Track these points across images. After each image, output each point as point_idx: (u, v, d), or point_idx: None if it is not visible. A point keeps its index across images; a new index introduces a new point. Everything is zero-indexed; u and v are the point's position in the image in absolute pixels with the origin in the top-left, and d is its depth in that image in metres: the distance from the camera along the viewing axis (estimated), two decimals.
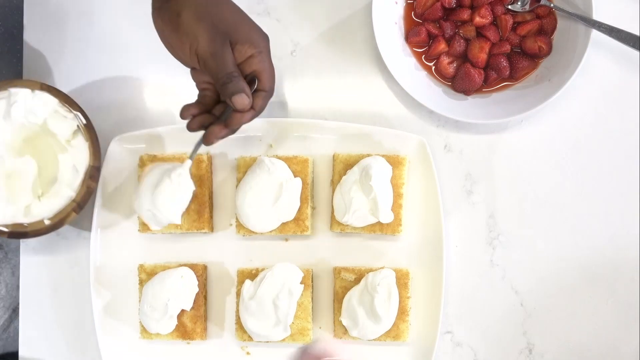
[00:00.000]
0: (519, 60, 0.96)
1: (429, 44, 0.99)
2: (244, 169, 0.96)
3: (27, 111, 0.92)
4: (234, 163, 0.98)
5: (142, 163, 0.97)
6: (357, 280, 0.95)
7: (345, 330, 0.94)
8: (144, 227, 0.96)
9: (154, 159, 0.97)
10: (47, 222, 0.92)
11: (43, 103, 0.92)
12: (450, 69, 0.97)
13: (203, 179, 0.96)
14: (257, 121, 0.98)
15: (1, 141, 0.92)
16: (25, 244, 1.01)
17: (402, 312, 0.94)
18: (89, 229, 0.99)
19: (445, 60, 0.97)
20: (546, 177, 0.99)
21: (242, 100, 0.77)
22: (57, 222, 0.92)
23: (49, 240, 1.01)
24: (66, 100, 0.93)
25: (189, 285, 0.95)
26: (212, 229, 0.99)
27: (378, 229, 0.95)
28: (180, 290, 0.93)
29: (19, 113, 0.91)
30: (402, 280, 0.94)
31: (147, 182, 0.94)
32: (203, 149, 0.98)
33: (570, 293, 0.98)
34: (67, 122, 0.93)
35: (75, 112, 0.93)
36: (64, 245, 1.01)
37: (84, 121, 0.93)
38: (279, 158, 0.96)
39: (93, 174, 0.93)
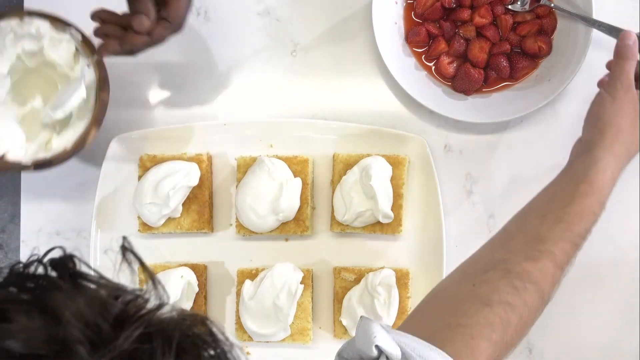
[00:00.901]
0: (519, 60, 0.96)
1: (429, 44, 0.99)
2: (244, 169, 0.96)
3: (21, 39, 0.90)
4: (234, 163, 0.98)
5: (142, 163, 0.97)
6: (357, 280, 0.95)
7: (345, 330, 0.94)
8: (144, 227, 0.97)
9: (154, 159, 0.97)
10: (69, 147, 0.91)
11: (35, 28, 0.90)
12: (450, 69, 0.97)
13: (203, 179, 0.96)
14: (257, 121, 0.99)
15: (7, 83, 0.91)
16: (25, 244, 1.01)
17: (402, 312, 0.94)
18: (89, 229, 0.99)
19: (445, 60, 0.97)
20: (546, 177, 0.98)
21: (139, 20, 0.76)
22: (79, 144, 0.90)
23: (49, 240, 1.01)
24: (55, 20, 0.90)
25: (189, 285, 0.95)
26: (212, 229, 0.99)
27: (378, 229, 0.95)
28: (180, 290, 0.93)
29: (13, 46, 0.90)
30: (402, 280, 0.94)
31: (148, 179, 0.94)
32: (203, 148, 0.98)
33: (570, 293, 0.98)
34: (64, 45, 0.91)
35: (68, 31, 0.90)
36: (63, 245, 1.01)
37: (80, 37, 0.90)
38: (279, 158, 0.96)
39: (102, 86, 0.91)
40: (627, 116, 0.78)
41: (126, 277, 0.48)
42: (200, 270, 0.97)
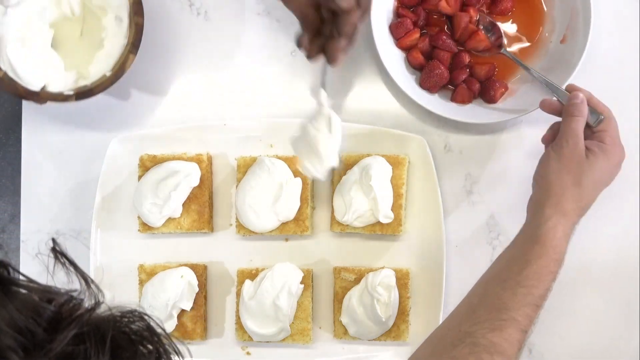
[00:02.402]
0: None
1: (405, 34, 0.98)
2: (244, 169, 0.96)
3: None
4: (234, 163, 0.98)
5: (142, 163, 0.97)
6: (357, 280, 0.95)
7: (345, 330, 0.94)
8: (144, 227, 0.96)
9: (154, 159, 0.97)
10: (108, 74, 0.91)
11: None
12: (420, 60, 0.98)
13: (203, 179, 0.96)
14: (257, 121, 0.98)
15: (46, 10, 0.92)
16: (25, 244, 1.01)
17: (402, 312, 0.94)
18: (89, 229, 0.99)
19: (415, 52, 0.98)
20: None
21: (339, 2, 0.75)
22: (118, 70, 0.91)
23: (49, 240, 1.01)
24: None
25: (189, 285, 0.95)
26: (212, 229, 0.99)
27: (378, 229, 0.95)
28: (180, 290, 0.93)
29: None
30: (402, 280, 0.94)
31: (148, 179, 0.94)
32: (203, 148, 0.98)
33: (570, 293, 0.98)
34: None
35: None
36: (64, 246, 1.01)
37: None
38: (279, 158, 0.96)
39: (136, 10, 0.91)
40: (571, 173, 0.79)
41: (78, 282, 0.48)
42: (200, 270, 0.97)
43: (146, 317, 0.45)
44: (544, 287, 0.75)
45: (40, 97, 0.91)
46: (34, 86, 0.91)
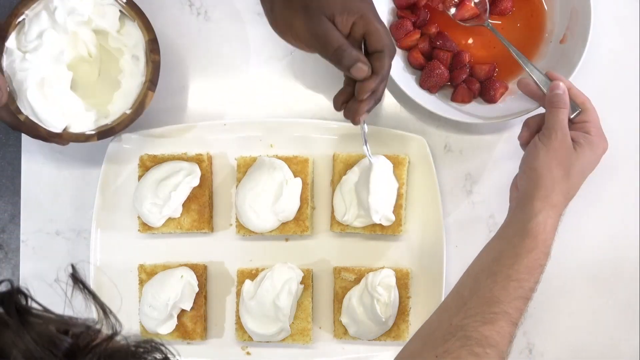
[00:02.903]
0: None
1: (406, 34, 0.98)
2: (244, 169, 0.96)
3: (70, 13, 0.91)
4: (234, 163, 0.98)
5: (142, 163, 0.97)
6: (357, 280, 0.95)
7: (345, 330, 0.94)
8: (144, 227, 0.97)
9: (154, 159, 0.97)
10: (128, 112, 0.92)
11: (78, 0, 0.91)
12: (420, 60, 0.98)
13: (203, 179, 0.96)
14: (257, 121, 0.99)
15: (63, 54, 0.92)
16: (25, 244, 1.01)
17: (402, 312, 0.94)
18: (89, 229, 0.99)
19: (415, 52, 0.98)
20: None
21: (358, 70, 0.76)
22: (138, 107, 0.92)
23: (48, 240, 1.01)
24: None
25: (189, 285, 0.95)
26: (212, 229, 0.99)
27: (378, 229, 0.95)
28: (180, 290, 0.93)
29: (63, 17, 0.90)
30: (402, 280, 0.94)
31: (148, 179, 0.94)
32: (203, 148, 0.98)
33: (570, 293, 0.98)
34: (109, 10, 0.93)
35: None
36: (64, 245, 1.01)
37: (124, 0, 0.92)
38: (279, 158, 0.96)
39: (152, 47, 0.92)
40: (561, 165, 0.78)
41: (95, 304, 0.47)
42: (200, 270, 0.97)
43: (162, 348, 0.45)
44: (534, 280, 0.75)
45: (63, 138, 0.92)
46: (56, 128, 0.92)
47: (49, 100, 0.91)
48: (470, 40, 0.99)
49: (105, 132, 0.93)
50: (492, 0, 0.98)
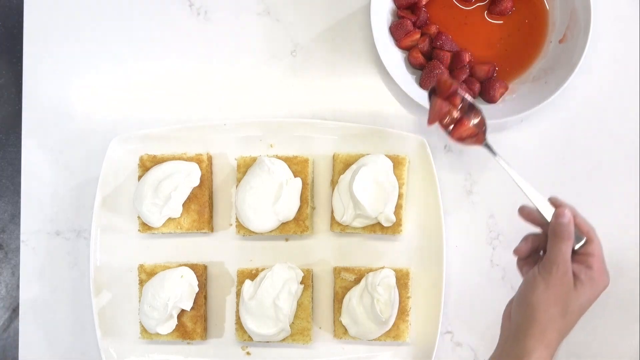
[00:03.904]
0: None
1: (406, 36, 0.98)
2: (244, 169, 0.96)
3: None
4: (234, 163, 0.98)
5: (142, 163, 0.97)
6: (357, 280, 0.95)
7: (345, 330, 0.94)
8: (144, 227, 0.96)
9: (154, 159, 0.97)
10: None
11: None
12: (420, 60, 0.98)
13: (203, 179, 0.96)
14: (257, 121, 0.99)
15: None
16: (25, 244, 1.02)
17: (402, 312, 0.94)
18: (89, 229, 0.99)
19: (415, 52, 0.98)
20: (546, 177, 0.99)
21: None
22: None
23: (49, 240, 1.01)
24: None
25: (189, 285, 0.95)
26: (212, 229, 0.99)
27: (378, 229, 0.95)
28: (180, 290, 0.93)
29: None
30: (402, 280, 0.94)
31: (148, 179, 0.94)
32: (203, 148, 0.98)
33: None
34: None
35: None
36: (64, 246, 1.01)
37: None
38: (279, 158, 0.96)
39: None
40: (559, 303, 0.73)
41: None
42: (200, 270, 0.97)
43: None
44: None
45: None
46: None
47: None
48: (470, 40, 0.99)
49: None
50: (493, 0, 0.98)
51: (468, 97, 0.85)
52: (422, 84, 0.97)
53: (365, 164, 0.93)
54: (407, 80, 0.97)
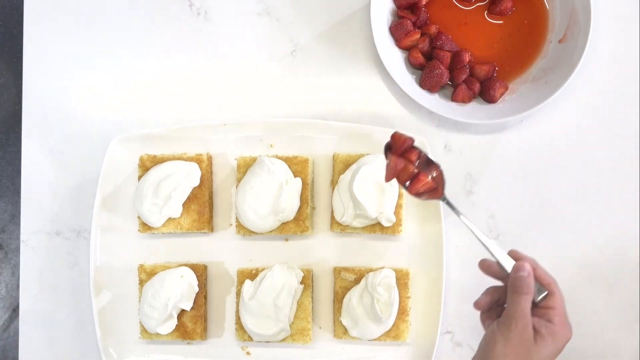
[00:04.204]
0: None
1: (406, 35, 0.98)
2: (244, 169, 0.96)
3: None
4: (234, 163, 0.98)
5: (142, 163, 0.97)
6: (357, 280, 0.95)
7: (345, 330, 0.94)
8: (144, 227, 0.96)
9: (154, 159, 0.97)
10: None
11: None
12: (420, 60, 0.98)
13: (203, 179, 0.96)
14: (257, 121, 0.99)
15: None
16: (25, 244, 1.02)
17: (402, 312, 0.94)
18: (89, 229, 0.99)
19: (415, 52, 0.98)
20: (546, 177, 0.99)
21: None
22: None
23: (49, 240, 1.01)
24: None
25: (189, 285, 0.95)
26: (212, 229, 0.99)
27: (378, 229, 0.95)
28: (180, 290, 0.93)
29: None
30: (402, 280, 0.94)
31: (148, 179, 0.94)
32: (203, 148, 0.98)
33: (570, 293, 0.97)
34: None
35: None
36: (64, 246, 1.01)
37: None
38: (279, 158, 0.96)
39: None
40: (519, 359, 0.72)
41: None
42: (200, 270, 0.97)
43: None
44: None
45: None
46: None
47: None
48: (470, 41, 0.99)
49: None
50: (493, 0, 0.98)
51: (425, 151, 0.85)
52: (422, 84, 0.97)
53: (365, 163, 0.93)
54: (407, 80, 0.97)
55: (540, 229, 0.98)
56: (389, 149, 0.85)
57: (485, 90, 0.97)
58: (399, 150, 0.84)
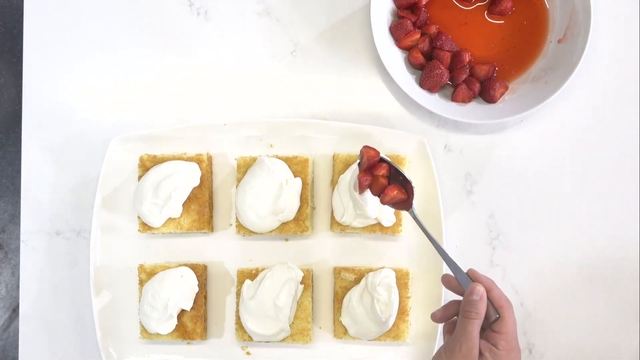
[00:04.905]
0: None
1: (406, 34, 0.98)
2: (244, 169, 0.96)
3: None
4: (234, 163, 0.98)
5: (142, 163, 0.97)
6: (357, 280, 0.95)
7: (345, 330, 0.94)
8: (144, 227, 0.96)
9: (154, 159, 0.97)
10: None
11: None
12: (420, 60, 0.98)
13: (203, 179, 0.96)
14: (257, 121, 0.99)
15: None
16: (25, 244, 1.02)
17: (402, 312, 0.94)
18: (89, 229, 0.99)
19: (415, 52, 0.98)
20: (546, 177, 0.99)
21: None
22: None
23: (49, 240, 1.01)
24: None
25: (189, 285, 0.95)
26: (212, 229, 0.99)
27: (378, 229, 0.95)
28: (180, 290, 0.93)
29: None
30: (402, 280, 0.94)
31: (148, 179, 0.94)
32: (203, 148, 0.98)
33: (570, 293, 0.98)
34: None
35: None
36: (63, 245, 1.01)
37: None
38: (279, 158, 0.96)
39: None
40: None
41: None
42: (200, 270, 0.97)
43: None
44: None
45: None
46: None
47: None
48: (470, 41, 0.99)
49: None
50: (493, 0, 0.98)
51: (395, 165, 0.87)
52: (422, 84, 0.97)
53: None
54: (407, 80, 0.97)
55: (540, 229, 0.98)
56: (359, 163, 0.87)
57: (485, 90, 0.97)
58: (367, 164, 0.86)
